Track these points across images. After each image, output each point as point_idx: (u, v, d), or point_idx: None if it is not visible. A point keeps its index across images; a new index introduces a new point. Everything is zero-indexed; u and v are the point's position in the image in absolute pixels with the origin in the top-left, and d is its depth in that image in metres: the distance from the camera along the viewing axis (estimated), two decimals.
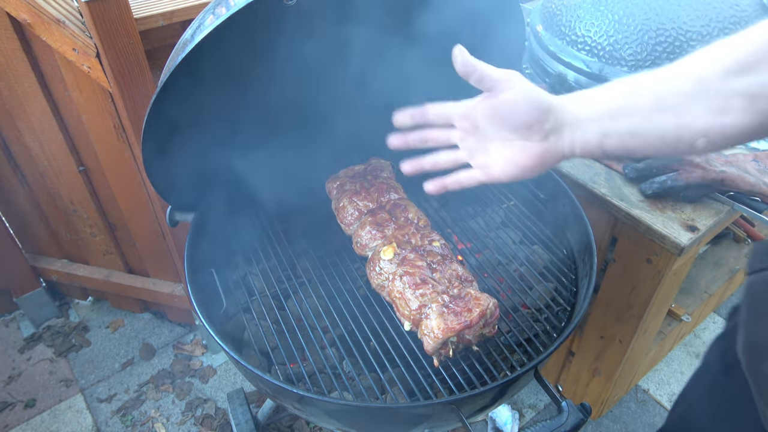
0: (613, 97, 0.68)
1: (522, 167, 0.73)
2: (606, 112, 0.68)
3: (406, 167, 0.84)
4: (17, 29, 1.31)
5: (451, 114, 0.78)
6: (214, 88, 0.93)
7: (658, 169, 1.17)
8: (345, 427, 0.93)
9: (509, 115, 0.71)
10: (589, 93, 0.70)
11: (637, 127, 0.66)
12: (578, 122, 0.69)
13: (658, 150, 0.67)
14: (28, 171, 1.70)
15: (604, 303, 1.40)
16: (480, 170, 0.77)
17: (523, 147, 0.72)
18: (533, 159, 0.72)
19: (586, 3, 1.33)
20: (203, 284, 1.06)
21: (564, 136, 0.70)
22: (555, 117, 0.70)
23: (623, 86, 0.69)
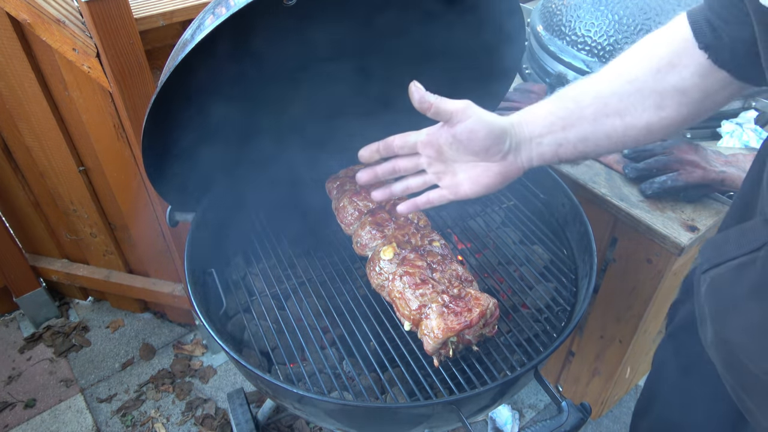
0: (560, 110, 0.74)
1: (486, 185, 0.80)
2: (557, 126, 0.74)
3: (377, 195, 0.90)
4: (17, 29, 1.31)
5: (414, 142, 0.83)
6: (213, 88, 0.93)
7: (658, 169, 1.18)
8: (345, 427, 0.93)
9: (468, 142, 0.77)
10: (538, 109, 0.77)
11: (587, 133, 0.73)
12: (533, 138, 0.76)
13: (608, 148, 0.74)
14: (28, 171, 1.70)
15: (604, 303, 1.40)
16: (448, 190, 0.84)
17: (486, 167, 0.79)
18: (496, 177, 0.79)
19: (586, 3, 1.33)
20: (203, 284, 1.06)
21: (521, 152, 0.77)
22: (510, 138, 0.76)
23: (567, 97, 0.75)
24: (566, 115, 0.74)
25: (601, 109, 0.71)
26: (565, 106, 0.74)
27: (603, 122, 0.71)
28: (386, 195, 0.89)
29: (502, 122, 0.77)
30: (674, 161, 1.17)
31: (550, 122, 0.75)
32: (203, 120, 0.96)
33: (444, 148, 0.80)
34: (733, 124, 1.30)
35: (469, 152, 0.78)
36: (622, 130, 0.71)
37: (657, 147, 1.21)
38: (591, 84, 0.74)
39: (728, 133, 1.30)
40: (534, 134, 0.76)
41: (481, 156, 0.78)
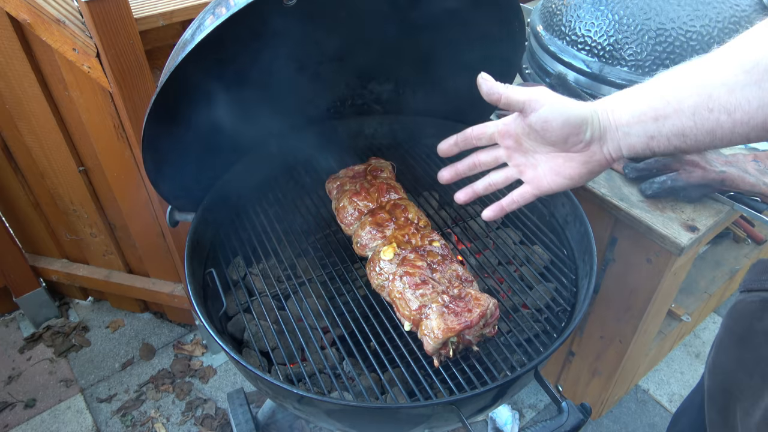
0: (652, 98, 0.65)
1: (569, 177, 0.73)
2: (647, 116, 0.65)
3: (461, 196, 0.84)
4: (17, 29, 1.31)
5: (492, 132, 0.78)
6: (213, 88, 0.93)
7: (658, 169, 1.17)
8: (345, 427, 0.93)
9: (543, 132, 0.71)
10: (628, 95, 0.68)
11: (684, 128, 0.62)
12: (620, 127, 0.67)
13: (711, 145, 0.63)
14: (28, 171, 1.70)
15: (604, 303, 1.40)
16: (530, 185, 0.77)
17: (567, 157, 0.72)
18: (579, 168, 0.72)
19: (586, 3, 1.33)
20: (203, 284, 1.06)
21: (606, 142, 0.69)
22: (591, 126, 0.69)
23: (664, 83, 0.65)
24: (660, 104, 0.63)
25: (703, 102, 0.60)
26: (660, 93, 0.64)
27: (706, 117, 0.60)
28: (469, 194, 0.83)
29: (582, 109, 0.69)
30: (674, 161, 1.17)
31: (640, 111, 0.65)
32: (203, 120, 0.96)
33: (522, 139, 0.74)
34: None
35: (547, 142, 0.72)
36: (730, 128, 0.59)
37: None
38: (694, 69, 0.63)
39: None
40: (620, 123, 0.67)
41: (560, 146, 0.71)
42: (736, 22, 1.23)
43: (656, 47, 1.23)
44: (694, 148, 0.64)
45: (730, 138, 0.60)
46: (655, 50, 1.23)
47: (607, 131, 0.68)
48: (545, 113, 0.69)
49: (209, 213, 1.11)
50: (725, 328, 0.73)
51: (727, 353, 0.71)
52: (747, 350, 0.67)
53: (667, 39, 1.22)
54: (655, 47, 1.23)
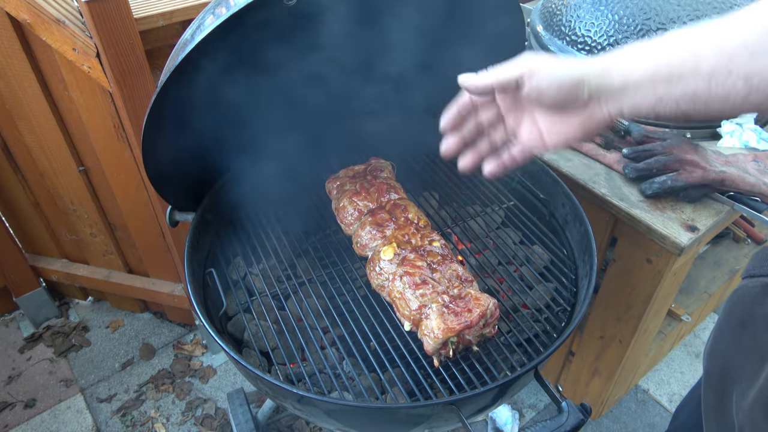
0: (667, 57, 0.60)
1: (566, 136, 0.70)
2: (659, 75, 0.60)
3: (465, 162, 0.78)
4: (17, 29, 1.31)
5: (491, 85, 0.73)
6: (213, 88, 0.93)
7: (658, 169, 1.17)
8: (345, 427, 0.93)
9: (538, 100, 0.69)
10: (637, 52, 0.63)
11: (698, 91, 0.58)
12: (625, 87, 0.63)
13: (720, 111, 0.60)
14: (28, 171, 1.70)
15: (604, 303, 1.40)
16: (529, 141, 0.74)
17: (564, 118, 0.69)
18: (575, 128, 0.69)
19: (586, 3, 1.33)
20: (203, 284, 1.06)
21: (608, 102, 0.65)
22: (589, 85, 0.65)
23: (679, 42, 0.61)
24: (675, 63, 0.59)
25: (723, 63, 0.56)
26: (675, 52, 0.60)
27: (722, 82, 0.56)
28: (475, 158, 0.78)
29: (575, 71, 0.66)
30: (674, 161, 1.17)
31: (654, 69, 0.60)
32: (203, 120, 0.96)
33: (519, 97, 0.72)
34: (733, 124, 1.30)
35: (543, 106, 0.70)
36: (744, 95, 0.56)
37: (657, 147, 1.21)
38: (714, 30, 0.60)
39: (728, 133, 1.30)
40: (628, 81, 0.62)
41: (557, 109, 0.69)
42: None
43: None
44: (701, 113, 0.60)
45: (741, 105, 0.57)
46: None
47: (609, 90, 0.64)
48: (537, 83, 0.67)
49: (209, 213, 1.11)
50: (725, 313, 0.73)
51: (727, 337, 0.71)
52: (746, 334, 0.68)
53: None
54: None
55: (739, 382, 0.66)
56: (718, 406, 0.71)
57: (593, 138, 0.71)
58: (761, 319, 0.65)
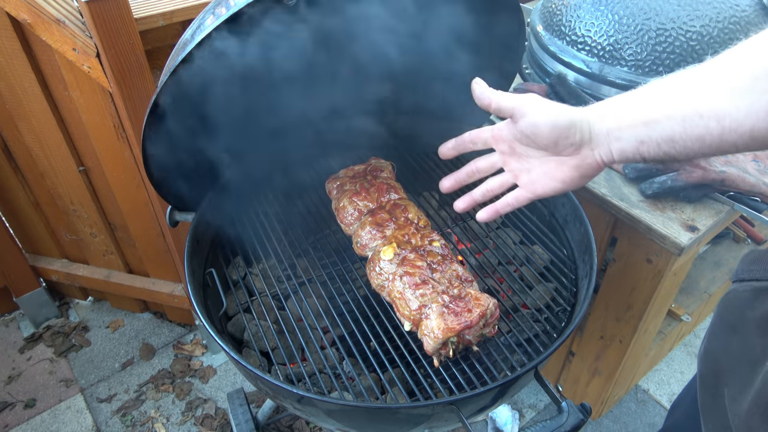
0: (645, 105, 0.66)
1: (562, 181, 0.75)
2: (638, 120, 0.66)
3: (460, 204, 0.87)
4: (17, 29, 1.31)
5: (487, 137, 0.81)
6: (213, 88, 0.93)
7: (658, 169, 1.17)
8: (345, 427, 0.93)
9: (533, 137, 0.73)
10: (619, 100, 0.70)
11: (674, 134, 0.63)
12: (610, 132, 0.68)
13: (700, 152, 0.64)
14: (28, 171, 1.70)
15: (604, 303, 1.40)
16: (525, 189, 0.79)
17: (559, 162, 0.74)
18: (571, 172, 0.74)
19: (586, 3, 1.33)
20: (203, 284, 1.06)
21: (598, 146, 0.70)
22: (581, 130, 0.70)
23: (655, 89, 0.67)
24: (651, 109, 0.65)
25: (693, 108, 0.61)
26: (651, 99, 0.66)
27: (696, 124, 0.61)
28: (468, 202, 0.87)
29: (571, 114, 0.71)
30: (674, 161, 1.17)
31: (631, 115, 0.67)
32: (203, 120, 0.96)
33: (514, 144, 0.77)
34: None
35: (538, 147, 0.74)
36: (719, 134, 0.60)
37: None
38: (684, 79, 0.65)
39: None
40: (611, 127, 0.68)
41: (551, 150, 0.73)
42: (736, 22, 1.23)
43: (656, 47, 1.23)
44: (683, 154, 0.65)
45: (718, 145, 0.61)
46: (655, 50, 1.23)
47: (598, 135, 0.70)
48: (533, 118, 0.72)
49: (209, 213, 1.11)
50: (717, 317, 0.75)
51: (718, 340, 0.73)
52: (737, 338, 0.69)
53: (667, 39, 1.22)
54: (655, 47, 1.23)
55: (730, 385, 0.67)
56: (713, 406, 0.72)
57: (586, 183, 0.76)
58: (752, 323, 0.66)
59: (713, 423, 0.71)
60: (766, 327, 0.63)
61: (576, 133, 0.70)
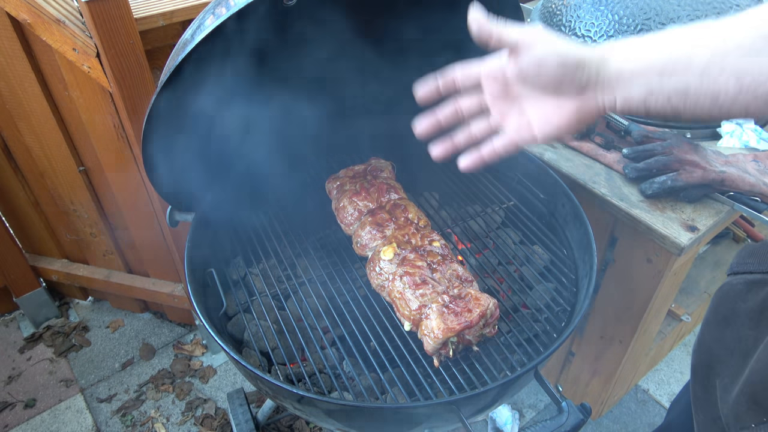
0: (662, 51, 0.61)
1: (557, 126, 0.68)
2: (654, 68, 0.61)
3: (437, 151, 0.75)
4: (17, 29, 1.31)
5: (477, 75, 0.72)
6: (213, 88, 0.93)
7: (658, 169, 1.17)
8: (345, 427, 0.93)
9: (536, 76, 0.66)
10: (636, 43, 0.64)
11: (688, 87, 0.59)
12: (620, 77, 0.63)
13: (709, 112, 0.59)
14: (28, 171, 1.70)
15: (604, 303, 1.40)
16: (516, 133, 0.71)
17: (557, 104, 0.67)
18: (569, 116, 0.67)
19: (586, 3, 1.33)
20: (203, 284, 1.06)
21: (603, 90, 0.64)
22: (589, 71, 0.64)
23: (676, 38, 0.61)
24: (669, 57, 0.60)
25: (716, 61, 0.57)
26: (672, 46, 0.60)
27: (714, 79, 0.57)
28: (448, 147, 0.75)
29: (580, 51, 0.64)
30: (674, 161, 1.17)
31: (648, 62, 0.61)
32: (203, 120, 0.96)
33: (510, 82, 0.69)
34: (733, 124, 1.30)
35: (539, 86, 0.67)
36: (734, 93, 0.57)
37: (657, 147, 1.21)
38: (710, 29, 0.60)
39: (728, 133, 1.30)
40: (623, 71, 0.63)
41: (552, 90, 0.66)
42: None
43: None
44: (690, 111, 0.60)
45: (730, 105, 0.58)
46: None
47: (603, 80, 0.64)
48: (540, 53, 0.65)
49: (209, 213, 1.11)
50: (711, 309, 0.75)
51: (712, 332, 0.73)
52: (729, 330, 0.69)
53: None
54: None
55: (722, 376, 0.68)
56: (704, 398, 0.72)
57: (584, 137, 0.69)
58: (744, 314, 0.67)
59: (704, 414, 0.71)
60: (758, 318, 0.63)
61: (584, 73, 0.64)
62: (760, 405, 0.54)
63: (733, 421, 0.60)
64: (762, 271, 0.66)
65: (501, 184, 1.26)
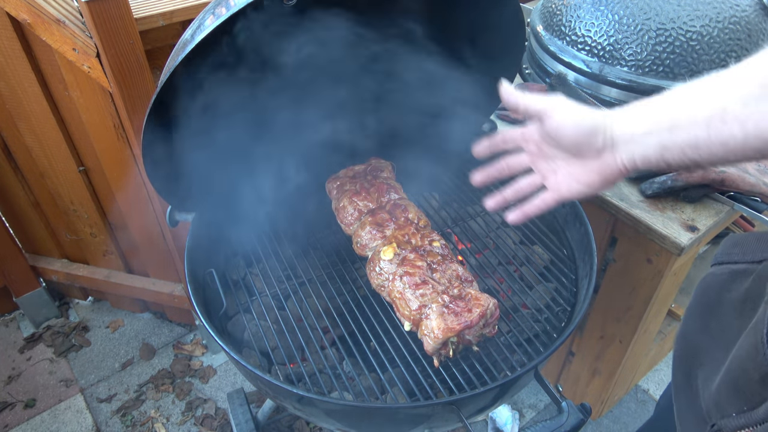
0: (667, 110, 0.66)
1: (586, 184, 0.75)
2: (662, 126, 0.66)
3: (491, 203, 0.87)
4: (17, 29, 1.31)
5: (518, 137, 0.82)
6: (213, 88, 0.93)
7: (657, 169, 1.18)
8: (345, 427, 0.93)
9: (557, 140, 0.74)
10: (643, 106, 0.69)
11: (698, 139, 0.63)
12: (633, 137, 0.69)
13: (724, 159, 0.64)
14: (28, 171, 1.70)
15: (604, 303, 1.40)
16: (552, 190, 0.80)
17: (583, 165, 0.74)
18: (594, 176, 0.74)
19: (586, 3, 1.33)
20: (203, 284, 1.06)
21: (619, 151, 0.70)
22: (604, 134, 0.71)
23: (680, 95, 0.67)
24: (675, 114, 0.65)
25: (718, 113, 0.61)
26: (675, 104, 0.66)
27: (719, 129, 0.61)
28: (499, 201, 0.87)
29: (594, 117, 0.71)
30: None
31: (654, 121, 0.67)
32: (203, 120, 0.96)
33: (542, 144, 0.78)
34: None
35: (562, 149, 0.75)
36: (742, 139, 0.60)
37: None
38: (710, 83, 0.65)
39: None
40: (635, 132, 0.68)
41: (574, 152, 0.74)
42: (736, 22, 1.23)
43: (656, 47, 1.23)
44: (707, 160, 0.64)
45: (743, 149, 0.61)
46: (655, 50, 1.23)
47: (619, 142, 0.70)
48: (559, 119, 0.73)
49: (209, 213, 1.11)
50: (695, 298, 0.76)
51: (695, 322, 0.74)
52: (713, 319, 0.70)
53: (667, 39, 1.22)
54: (655, 47, 1.23)
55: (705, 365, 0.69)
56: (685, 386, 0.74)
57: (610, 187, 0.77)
58: (728, 304, 0.68)
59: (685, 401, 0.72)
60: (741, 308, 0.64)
61: (599, 138, 0.71)
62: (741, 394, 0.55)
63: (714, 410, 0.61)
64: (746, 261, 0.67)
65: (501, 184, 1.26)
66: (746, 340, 0.57)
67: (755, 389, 0.53)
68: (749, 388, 0.54)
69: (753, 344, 0.54)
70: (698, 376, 0.70)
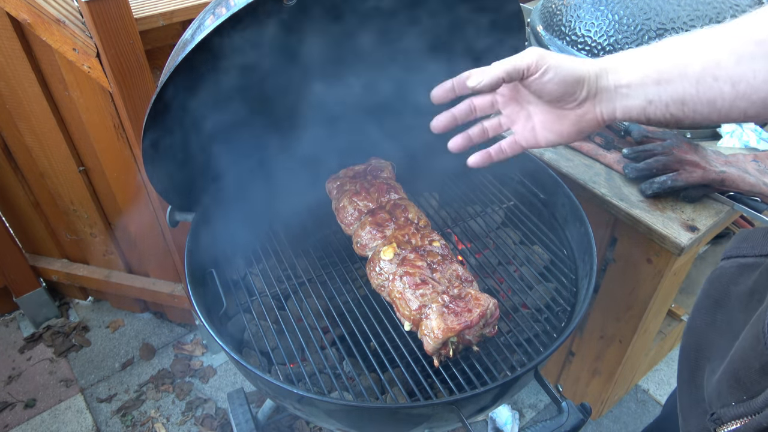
0: (657, 62, 0.63)
1: (559, 134, 0.73)
2: (650, 78, 0.63)
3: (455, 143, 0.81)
4: (17, 29, 1.32)
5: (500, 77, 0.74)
6: (213, 89, 0.93)
7: (658, 169, 1.18)
8: (345, 428, 0.93)
9: (541, 90, 0.70)
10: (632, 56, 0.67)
11: (685, 95, 0.61)
12: (618, 87, 0.66)
13: (707, 118, 0.61)
14: (28, 171, 1.70)
15: (604, 303, 1.40)
16: (521, 136, 0.77)
17: (560, 114, 0.72)
18: (570, 126, 0.72)
19: (586, 3, 1.33)
20: (203, 284, 1.06)
21: (602, 102, 0.68)
22: (588, 85, 0.68)
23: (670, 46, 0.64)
24: (664, 67, 0.62)
25: (710, 69, 0.59)
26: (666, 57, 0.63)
27: (709, 86, 0.59)
28: (466, 140, 0.81)
29: (580, 68, 0.68)
30: (674, 161, 1.17)
31: (643, 73, 0.64)
32: (203, 120, 0.96)
33: (518, 89, 0.75)
34: (733, 124, 1.30)
35: (542, 101, 0.72)
36: (731, 99, 0.58)
37: (657, 147, 1.21)
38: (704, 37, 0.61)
39: (728, 133, 1.30)
40: (620, 83, 0.66)
41: (554, 104, 0.71)
42: None
43: None
44: (689, 118, 0.62)
45: (728, 111, 0.59)
46: None
47: (604, 91, 0.67)
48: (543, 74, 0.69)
49: (209, 213, 1.11)
50: (703, 293, 0.76)
51: (703, 315, 0.74)
52: (721, 312, 0.69)
53: None
54: None
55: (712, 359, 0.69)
56: (690, 380, 0.73)
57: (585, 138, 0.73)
58: (735, 297, 0.67)
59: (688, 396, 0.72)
60: (748, 301, 0.64)
61: (583, 88, 0.68)
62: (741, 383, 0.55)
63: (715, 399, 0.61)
64: (755, 254, 0.67)
65: (501, 184, 1.26)
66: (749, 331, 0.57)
67: (755, 378, 0.53)
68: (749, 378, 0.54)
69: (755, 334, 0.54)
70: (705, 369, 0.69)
